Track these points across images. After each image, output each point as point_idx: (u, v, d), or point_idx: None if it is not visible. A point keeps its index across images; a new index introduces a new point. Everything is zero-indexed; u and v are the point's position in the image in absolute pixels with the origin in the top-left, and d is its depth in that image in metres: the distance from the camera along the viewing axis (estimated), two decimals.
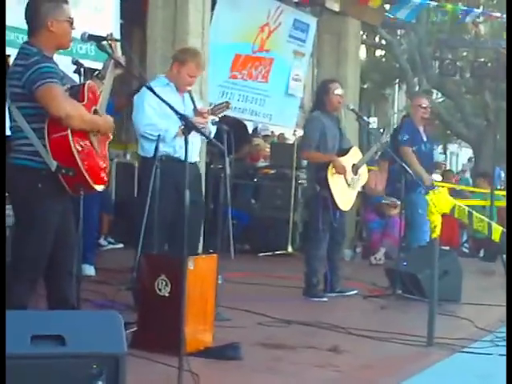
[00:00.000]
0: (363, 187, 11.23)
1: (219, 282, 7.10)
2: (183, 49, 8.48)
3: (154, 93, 5.39)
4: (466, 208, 7.09)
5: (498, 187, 18.27)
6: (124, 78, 6.24)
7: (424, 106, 11.24)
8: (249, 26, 12.13)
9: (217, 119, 7.71)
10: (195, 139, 7.17)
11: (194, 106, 7.69)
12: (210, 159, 11.18)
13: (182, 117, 5.24)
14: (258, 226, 13.18)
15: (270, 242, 12.90)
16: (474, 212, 7.06)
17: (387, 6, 15.79)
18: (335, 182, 9.08)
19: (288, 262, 12.14)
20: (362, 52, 27.00)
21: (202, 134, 5.77)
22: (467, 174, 30.49)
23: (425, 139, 11.18)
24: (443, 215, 7.04)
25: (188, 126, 5.16)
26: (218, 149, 6.52)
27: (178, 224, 6.70)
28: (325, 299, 9.11)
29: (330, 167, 9.03)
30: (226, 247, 7.75)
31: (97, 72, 5.79)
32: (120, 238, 12.31)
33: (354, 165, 9.33)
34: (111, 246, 12.40)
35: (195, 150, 7.59)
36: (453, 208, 6.96)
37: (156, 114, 7.38)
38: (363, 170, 9.58)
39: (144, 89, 6.87)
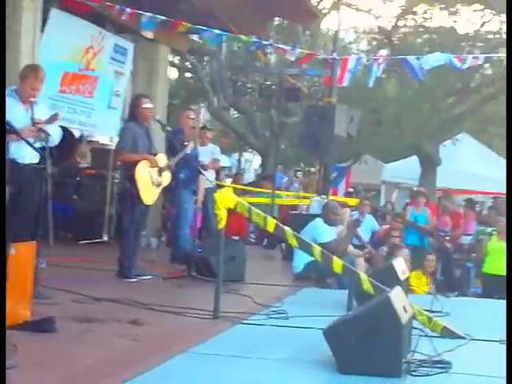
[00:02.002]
0: None
1: (42, 265, 6.97)
2: (25, 66, 8.35)
3: None
4: (247, 204, 7.18)
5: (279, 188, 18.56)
6: None
7: (191, 117, 11.44)
8: (75, 47, 11.92)
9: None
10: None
11: (32, 117, 7.53)
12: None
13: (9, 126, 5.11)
14: (79, 217, 13.00)
15: (89, 232, 12.76)
16: (252, 208, 7.15)
17: (194, 36, 15.97)
18: (141, 179, 9.06)
19: (104, 249, 12.07)
20: (174, 73, 27.08)
21: (22, 139, 5.64)
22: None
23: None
24: (232, 210, 7.14)
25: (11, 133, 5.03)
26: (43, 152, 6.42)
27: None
28: (134, 280, 9.06)
29: (136, 167, 9.01)
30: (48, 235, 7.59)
31: None
32: None
33: (160, 168, 9.34)
34: None
35: (29, 153, 7.40)
36: (236, 204, 7.05)
37: None
38: (166, 174, 9.57)
39: None
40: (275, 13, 16.02)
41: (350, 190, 23.33)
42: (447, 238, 15.34)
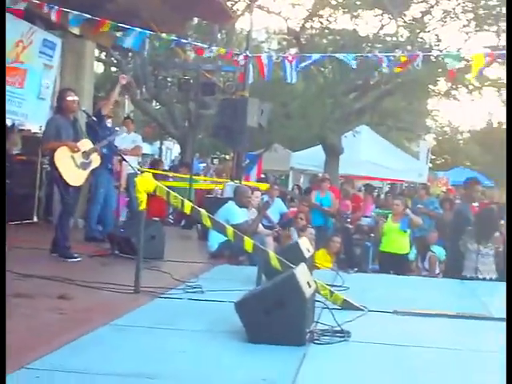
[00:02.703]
0: None
1: None
2: None
3: None
4: (166, 188, 7.14)
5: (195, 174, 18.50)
6: None
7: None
8: (6, 41, 11.66)
9: None
10: None
11: None
12: None
13: None
14: (11, 200, 12.72)
15: (20, 213, 12.51)
16: (171, 191, 7.11)
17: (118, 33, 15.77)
18: (62, 163, 8.94)
19: (34, 229, 11.95)
20: (100, 67, 26.69)
21: None
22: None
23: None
24: (152, 193, 7.09)
25: None
26: None
27: None
28: (78, 259, 8.95)
29: (55, 153, 8.93)
30: None
31: None
32: None
33: (84, 151, 9.19)
34: None
35: None
36: (155, 188, 7.00)
37: None
38: (95, 156, 9.41)
39: None
40: (194, 13, 15.92)
41: (262, 175, 23.41)
42: (348, 219, 15.55)
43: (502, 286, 9.37)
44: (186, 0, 13.30)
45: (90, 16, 11.43)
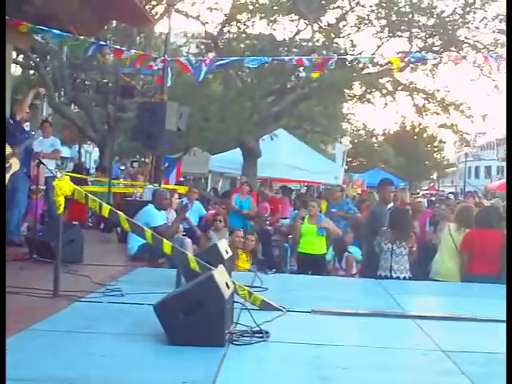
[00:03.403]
0: None
1: None
2: None
3: None
4: (83, 191, 7.05)
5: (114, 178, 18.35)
6: None
7: None
8: None
9: None
10: None
11: None
12: None
13: None
14: None
15: None
16: (89, 194, 7.02)
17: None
18: None
19: None
20: (18, 70, 26.14)
21: None
22: None
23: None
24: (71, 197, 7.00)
25: None
26: None
27: None
28: None
29: None
30: None
31: None
32: None
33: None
34: None
35: None
36: (73, 191, 6.91)
37: None
38: (14, 160, 9.24)
39: None
40: (112, 16, 15.75)
41: (181, 179, 23.35)
42: (267, 221, 15.63)
43: (415, 284, 9.61)
44: (104, 3, 13.14)
45: (7, 18, 11.18)
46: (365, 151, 46.46)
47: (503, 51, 19.74)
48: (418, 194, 26.89)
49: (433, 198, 20.23)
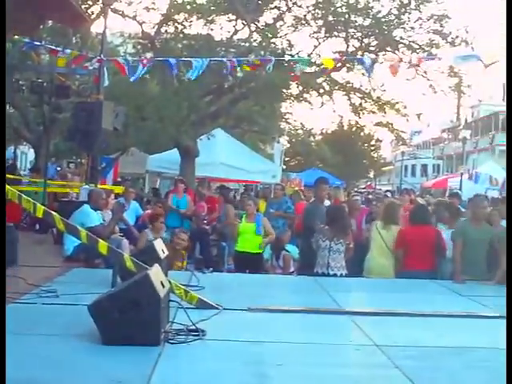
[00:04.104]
0: None
1: None
2: None
3: None
4: (17, 192, 6.96)
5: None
6: None
7: None
8: None
9: None
10: None
11: None
12: None
13: None
14: None
15: None
16: (22, 195, 6.94)
17: None
18: None
19: None
20: None
21: None
22: None
23: None
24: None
25: None
26: None
27: None
28: None
29: None
30: None
31: None
32: None
33: None
34: None
35: None
36: (7, 192, 6.81)
37: None
38: None
39: None
40: (47, 16, 15.54)
41: (119, 179, 23.15)
42: (205, 221, 15.60)
43: (352, 281, 9.71)
44: (39, 2, 12.97)
45: None
46: (303, 150, 46.85)
47: (437, 51, 20.20)
48: (355, 192, 27.12)
49: (370, 196, 20.45)
